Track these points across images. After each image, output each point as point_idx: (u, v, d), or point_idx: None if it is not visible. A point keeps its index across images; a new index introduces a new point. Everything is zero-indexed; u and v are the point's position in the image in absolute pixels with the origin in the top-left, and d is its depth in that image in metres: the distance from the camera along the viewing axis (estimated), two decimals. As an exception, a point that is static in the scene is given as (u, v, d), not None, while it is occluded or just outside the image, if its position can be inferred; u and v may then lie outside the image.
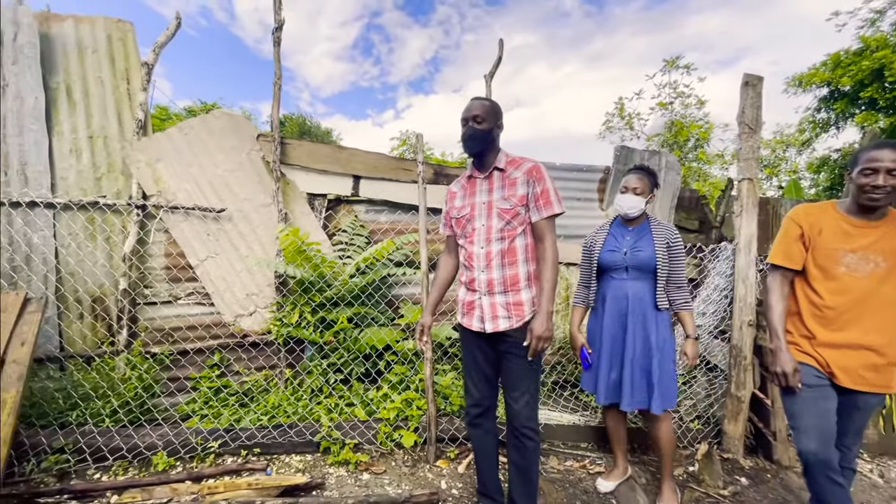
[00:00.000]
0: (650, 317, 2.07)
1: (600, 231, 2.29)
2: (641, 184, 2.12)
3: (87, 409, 2.62)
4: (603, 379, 2.15)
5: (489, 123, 1.79)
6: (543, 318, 1.69)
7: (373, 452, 2.64)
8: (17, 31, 2.86)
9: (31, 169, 2.89)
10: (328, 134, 20.25)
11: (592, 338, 2.24)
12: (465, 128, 1.81)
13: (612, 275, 2.17)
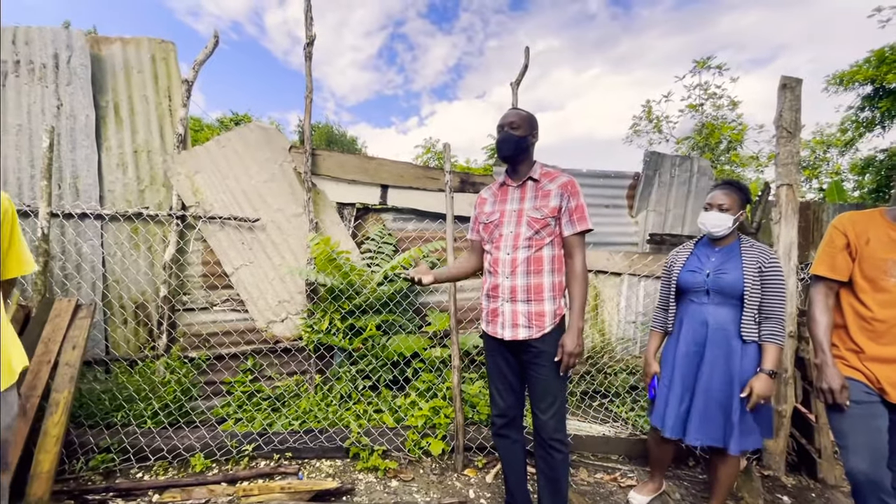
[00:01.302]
0: (735, 349, 1.87)
1: (683, 249, 2.12)
2: (728, 199, 1.92)
3: (131, 410, 2.75)
4: (672, 411, 1.97)
5: (524, 131, 1.81)
6: (574, 335, 1.70)
7: (401, 459, 2.66)
8: (70, 53, 3.07)
9: (82, 182, 3.08)
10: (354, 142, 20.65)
11: (664, 365, 2.07)
12: (501, 133, 1.84)
13: (692, 298, 1.99)
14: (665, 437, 2.00)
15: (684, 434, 1.94)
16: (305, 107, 3.30)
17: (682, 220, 3.85)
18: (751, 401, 1.80)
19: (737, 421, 1.83)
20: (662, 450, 2.20)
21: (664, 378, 2.05)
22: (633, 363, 3.50)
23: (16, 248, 1.47)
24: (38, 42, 3.04)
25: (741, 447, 1.85)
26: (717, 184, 2.03)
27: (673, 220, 3.84)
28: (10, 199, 1.45)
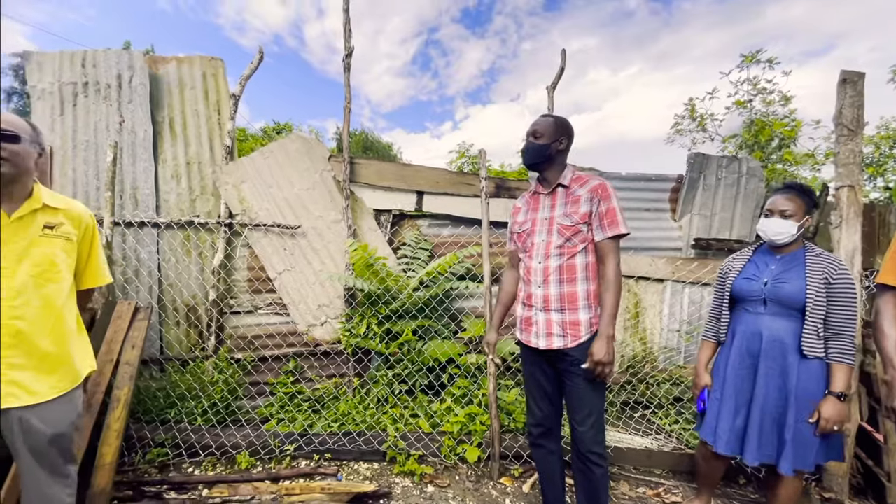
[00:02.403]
0: (791, 364, 1.74)
1: (740, 255, 2.01)
2: (792, 205, 1.78)
3: (183, 407, 2.90)
4: (725, 425, 1.86)
5: (548, 139, 1.78)
6: (604, 343, 1.64)
7: (437, 465, 2.67)
8: (132, 74, 3.30)
9: (141, 192, 3.30)
10: (389, 148, 21.01)
11: (715, 377, 1.97)
12: (525, 142, 1.83)
13: (747, 307, 1.88)
14: (717, 452, 1.90)
15: (740, 451, 1.84)
16: (344, 116, 3.39)
17: (730, 223, 3.66)
18: (819, 426, 1.67)
19: (790, 439, 1.72)
20: (713, 466, 2.08)
21: (715, 391, 1.94)
22: (677, 373, 3.35)
23: (94, 260, 1.60)
24: (103, 64, 3.30)
25: (794, 467, 1.73)
26: (779, 187, 1.89)
27: (719, 223, 3.66)
28: (92, 215, 1.58)
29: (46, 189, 1.45)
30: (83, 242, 1.53)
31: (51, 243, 1.40)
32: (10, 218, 1.33)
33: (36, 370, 1.37)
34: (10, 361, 1.32)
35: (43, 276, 1.38)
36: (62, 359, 1.44)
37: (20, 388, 1.33)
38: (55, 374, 1.42)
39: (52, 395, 1.39)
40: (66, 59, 3.30)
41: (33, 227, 1.37)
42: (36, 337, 1.36)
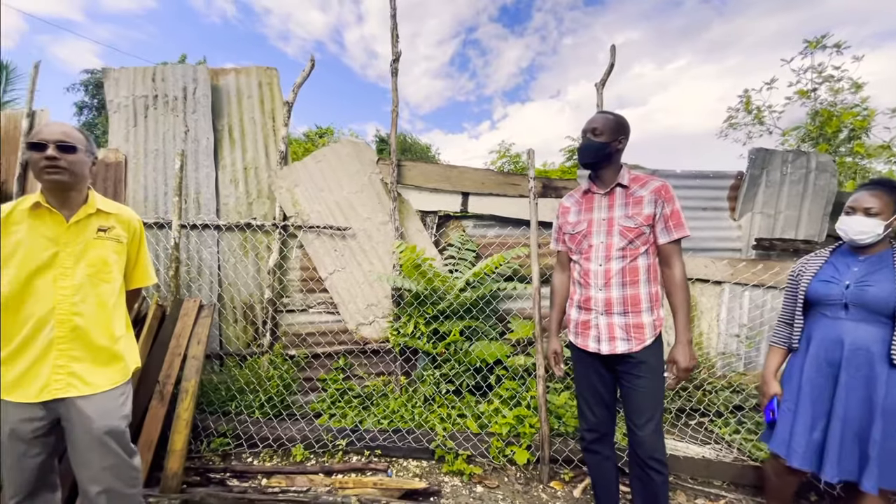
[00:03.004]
0: (879, 375, 1.60)
1: (815, 257, 1.88)
2: (878, 202, 1.64)
3: (242, 400, 3.06)
4: (801, 439, 1.74)
5: (607, 137, 1.74)
6: (686, 349, 1.61)
7: (485, 466, 2.67)
8: (196, 86, 3.52)
9: (203, 197, 3.51)
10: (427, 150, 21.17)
11: (787, 386, 1.86)
12: (583, 139, 1.78)
13: (825, 312, 1.75)
14: (790, 467, 1.77)
15: (817, 466, 1.72)
16: (392, 120, 3.46)
17: (796, 222, 3.42)
18: None
19: (876, 456, 1.59)
20: (786, 481, 1.95)
21: (787, 401, 1.82)
22: (738, 380, 3.18)
23: (142, 262, 1.72)
24: (171, 78, 3.54)
25: (882, 486, 1.59)
26: (864, 183, 1.75)
27: (784, 223, 3.43)
28: (140, 220, 1.70)
29: (99, 195, 1.57)
30: (132, 245, 1.65)
31: (104, 245, 1.51)
32: (69, 222, 1.44)
33: (92, 363, 1.48)
34: (70, 354, 1.43)
35: (97, 275, 1.49)
36: (114, 353, 1.54)
37: (79, 379, 1.44)
38: (109, 367, 1.52)
39: (106, 386, 1.50)
40: (139, 74, 3.56)
41: (88, 231, 1.49)
42: (92, 332, 1.47)
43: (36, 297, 1.38)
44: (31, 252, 1.37)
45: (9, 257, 1.35)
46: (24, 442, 1.38)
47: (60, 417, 1.44)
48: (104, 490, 1.47)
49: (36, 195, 1.41)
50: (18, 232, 1.36)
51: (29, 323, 1.37)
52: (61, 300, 1.40)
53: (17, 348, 1.36)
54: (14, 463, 1.38)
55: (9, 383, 1.36)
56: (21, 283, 1.36)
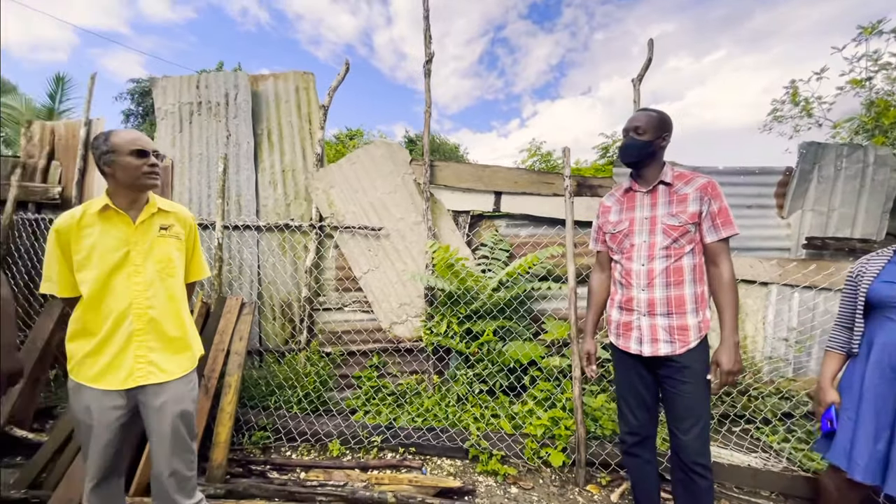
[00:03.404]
0: None
1: (876, 257, 1.79)
2: None
3: (281, 396, 3.16)
4: (863, 450, 1.65)
5: (651, 135, 1.70)
6: (731, 351, 1.55)
7: (520, 467, 2.65)
8: (237, 92, 3.66)
9: (244, 199, 3.65)
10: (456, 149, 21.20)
11: (846, 393, 1.77)
12: (625, 138, 1.75)
13: (890, 315, 1.66)
14: (852, 480, 1.67)
15: (881, 480, 1.61)
16: (425, 121, 3.49)
17: (852, 220, 3.22)
18: None
19: None
20: (846, 496, 1.81)
21: (847, 409, 1.72)
22: (786, 386, 3.03)
23: (197, 257, 1.82)
24: (213, 85, 3.69)
25: None
26: None
27: (839, 220, 3.23)
28: (193, 217, 1.80)
29: (157, 195, 1.67)
30: (188, 241, 1.75)
31: (167, 243, 1.61)
32: (136, 223, 1.54)
33: (165, 351, 1.58)
34: (148, 345, 1.53)
35: (164, 271, 1.58)
36: (184, 342, 1.64)
37: (157, 368, 1.54)
38: (179, 355, 1.63)
39: (179, 373, 1.60)
40: (185, 82, 3.74)
41: (153, 230, 1.58)
42: (164, 323, 1.57)
43: (114, 294, 1.48)
44: (106, 253, 1.47)
45: (86, 259, 1.45)
46: (108, 429, 1.49)
47: (138, 404, 1.55)
48: (173, 472, 1.58)
49: (102, 199, 1.50)
50: (92, 235, 1.46)
51: (110, 318, 1.47)
52: (136, 295, 1.50)
53: (101, 341, 1.47)
54: (100, 449, 1.49)
55: (96, 373, 1.47)
56: (101, 282, 1.46)
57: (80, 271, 1.46)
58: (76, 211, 1.48)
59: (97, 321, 1.47)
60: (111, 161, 1.47)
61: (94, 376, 1.46)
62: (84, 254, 1.45)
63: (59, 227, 1.45)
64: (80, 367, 1.47)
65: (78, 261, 1.45)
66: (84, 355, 1.46)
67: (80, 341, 1.48)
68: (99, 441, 1.48)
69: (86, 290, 1.45)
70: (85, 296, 1.45)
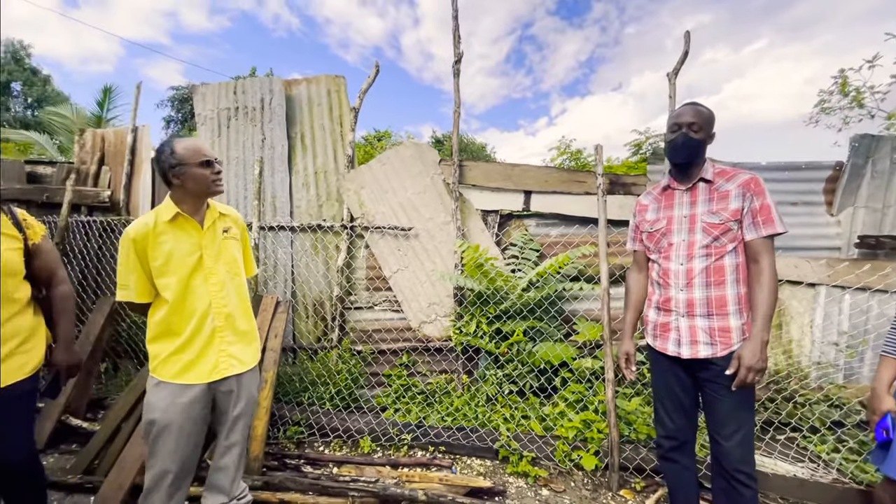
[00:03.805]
0: None
1: None
2: None
3: (314, 392, 3.23)
4: None
5: (704, 133, 1.65)
6: (757, 347, 1.48)
7: (551, 469, 2.62)
8: (271, 97, 3.78)
9: (279, 200, 3.75)
10: (483, 149, 21.15)
11: None
12: (677, 134, 1.67)
13: None
14: None
15: None
16: (454, 121, 3.50)
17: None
18: None
19: None
20: None
21: None
22: (836, 394, 2.86)
23: (248, 255, 1.91)
24: (250, 91, 3.82)
25: None
26: None
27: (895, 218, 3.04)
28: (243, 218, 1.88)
29: (213, 200, 1.74)
30: (242, 240, 1.83)
31: (229, 244, 1.70)
32: (204, 228, 1.62)
33: (240, 344, 1.68)
34: (227, 339, 1.62)
35: (231, 270, 1.68)
36: (252, 334, 1.75)
37: (236, 359, 1.64)
38: (250, 346, 1.73)
39: (252, 363, 1.71)
40: (223, 89, 3.88)
41: (217, 233, 1.67)
42: (237, 318, 1.66)
43: (195, 295, 1.57)
44: (183, 258, 1.56)
45: (165, 265, 1.54)
46: (191, 422, 1.56)
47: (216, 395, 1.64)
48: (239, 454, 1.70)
49: (170, 207, 1.58)
50: (167, 242, 1.55)
51: (194, 317, 1.56)
52: (214, 295, 1.60)
53: (186, 340, 1.56)
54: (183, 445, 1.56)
55: (179, 370, 1.55)
56: (182, 285, 1.55)
57: (160, 277, 1.54)
58: (148, 219, 1.55)
59: (181, 322, 1.56)
60: (182, 173, 1.54)
61: (177, 373, 1.55)
62: (162, 260, 1.53)
63: (135, 237, 1.51)
64: (163, 365, 1.55)
65: (156, 267, 1.53)
66: (169, 354, 1.55)
67: (165, 342, 1.57)
68: (182, 434, 1.55)
69: (170, 294, 1.53)
70: (170, 300, 1.53)
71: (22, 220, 1.64)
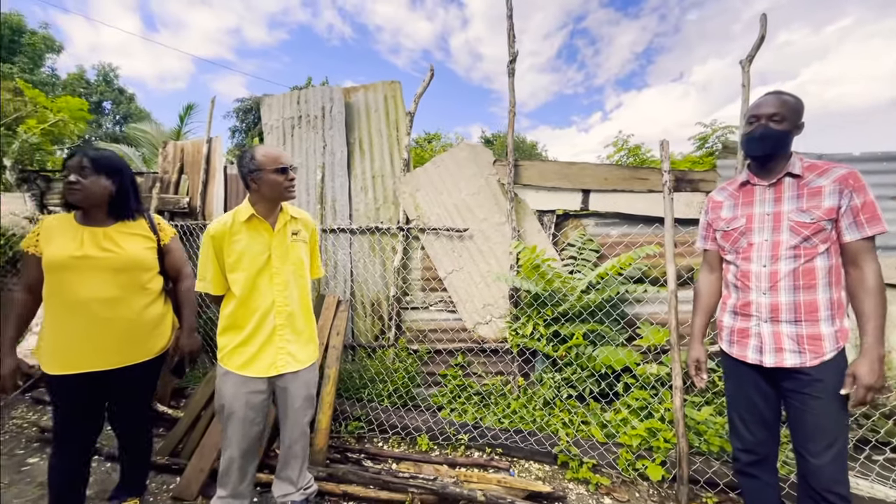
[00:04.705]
0: None
1: None
2: None
3: (373, 389, 3.33)
4: None
5: (788, 124, 1.52)
6: (874, 363, 1.35)
7: (613, 477, 2.53)
8: (332, 105, 3.94)
9: (338, 204, 3.91)
10: (533, 147, 20.84)
11: None
12: (755, 126, 1.57)
13: None
14: None
15: None
16: (509, 121, 3.48)
17: None
18: None
19: None
20: None
21: None
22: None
23: (316, 258, 2.00)
24: (312, 100, 4.01)
25: None
26: None
27: None
28: (315, 222, 1.98)
29: (287, 204, 1.84)
30: (311, 243, 1.92)
31: (297, 247, 1.80)
32: (275, 230, 1.72)
33: (298, 343, 1.78)
34: (286, 338, 1.74)
35: (297, 272, 1.78)
36: (311, 335, 1.85)
37: (292, 358, 1.75)
38: (308, 346, 1.83)
39: (308, 362, 1.81)
40: (287, 99, 4.11)
41: (287, 235, 1.77)
42: (297, 319, 1.77)
43: (260, 294, 1.69)
44: (253, 257, 1.69)
45: (237, 262, 1.68)
46: (253, 411, 1.71)
47: (275, 390, 1.77)
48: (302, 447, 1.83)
49: (247, 208, 1.71)
50: (241, 241, 1.68)
51: (256, 314, 1.69)
52: (277, 294, 1.71)
53: (248, 335, 1.70)
54: (246, 430, 1.71)
55: (243, 362, 1.69)
56: (249, 282, 1.68)
57: (231, 272, 1.68)
58: (227, 219, 1.70)
59: (245, 317, 1.69)
60: (259, 177, 1.67)
61: (241, 365, 1.68)
62: (235, 257, 1.67)
63: (213, 234, 1.68)
64: (229, 356, 1.70)
65: (229, 263, 1.68)
66: (234, 346, 1.69)
67: (231, 334, 1.71)
68: (245, 422, 1.69)
69: (237, 289, 1.67)
70: (237, 295, 1.67)
71: (157, 224, 1.88)
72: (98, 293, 1.62)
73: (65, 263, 1.59)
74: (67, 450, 1.69)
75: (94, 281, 1.62)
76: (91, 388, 1.68)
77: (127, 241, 1.73)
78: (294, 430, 1.79)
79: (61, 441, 1.68)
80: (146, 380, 1.86)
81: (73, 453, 1.71)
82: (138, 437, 1.97)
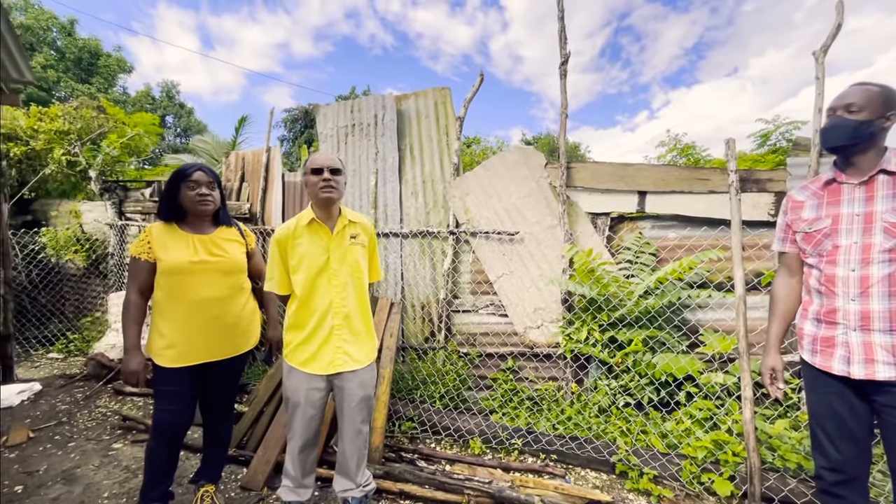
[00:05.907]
0: None
1: None
2: None
3: (425, 391, 3.38)
4: None
5: (867, 114, 1.42)
6: None
7: (676, 490, 2.43)
8: (384, 112, 4.06)
9: (390, 209, 4.01)
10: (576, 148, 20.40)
11: None
12: (831, 118, 1.50)
13: None
14: None
15: None
16: (561, 123, 3.44)
17: None
18: None
19: None
20: None
21: None
22: None
23: (375, 261, 2.06)
24: (365, 108, 4.15)
25: None
26: None
27: None
28: (374, 227, 2.05)
29: (347, 208, 1.92)
30: (369, 247, 1.98)
31: (355, 250, 1.85)
32: (333, 233, 1.80)
33: (355, 344, 1.84)
34: (344, 338, 1.80)
35: (354, 274, 1.83)
36: (368, 336, 1.90)
37: (349, 357, 1.81)
38: (365, 347, 1.88)
39: (365, 362, 1.86)
40: (341, 108, 4.27)
41: (345, 238, 1.83)
42: (354, 319, 1.82)
43: (318, 294, 1.78)
44: (313, 259, 1.77)
45: (298, 264, 1.78)
46: (312, 406, 1.80)
47: (333, 387, 1.85)
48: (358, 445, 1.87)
49: (309, 213, 1.80)
50: (302, 244, 1.78)
51: (316, 314, 1.78)
52: (335, 295, 1.78)
53: (309, 334, 1.79)
54: (306, 421, 1.81)
55: (305, 359, 1.79)
56: (309, 283, 1.77)
57: (293, 274, 1.78)
58: (291, 223, 1.81)
59: (306, 317, 1.78)
60: (305, 181, 1.78)
61: (303, 362, 1.77)
62: (297, 260, 1.76)
63: (278, 238, 1.79)
64: (293, 353, 1.80)
65: (292, 265, 1.78)
66: (297, 344, 1.79)
67: (294, 332, 1.81)
68: (305, 415, 1.78)
69: (299, 290, 1.77)
70: (298, 295, 1.77)
71: (243, 230, 2.06)
72: (213, 293, 1.83)
73: (186, 268, 1.78)
74: (168, 435, 1.85)
75: (209, 282, 1.82)
76: (195, 380, 1.86)
77: (229, 247, 1.93)
78: (351, 427, 1.85)
79: (162, 428, 1.83)
80: (239, 371, 2.05)
81: (171, 438, 1.86)
82: (224, 426, 2.11)
